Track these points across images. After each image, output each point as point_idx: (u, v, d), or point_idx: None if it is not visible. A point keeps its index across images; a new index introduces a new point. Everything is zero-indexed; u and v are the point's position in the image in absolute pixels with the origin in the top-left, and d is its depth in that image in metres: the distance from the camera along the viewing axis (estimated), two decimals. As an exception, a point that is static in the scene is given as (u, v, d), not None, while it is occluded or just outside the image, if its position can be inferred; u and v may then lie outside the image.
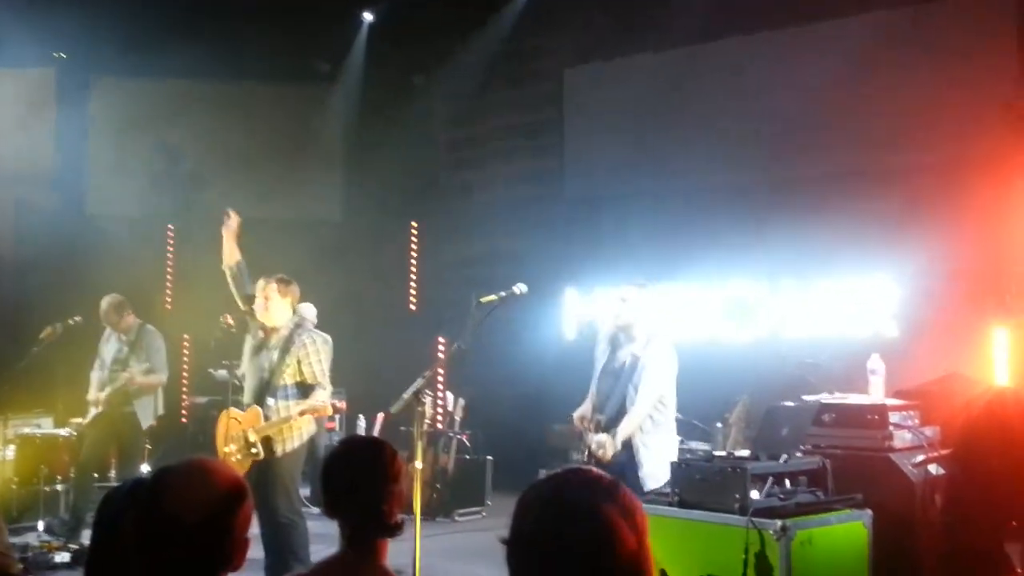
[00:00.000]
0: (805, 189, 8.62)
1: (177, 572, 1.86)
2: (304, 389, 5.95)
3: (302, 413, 5.82)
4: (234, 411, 6.06)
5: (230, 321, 6.55)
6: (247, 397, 6.04)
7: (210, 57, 11.15)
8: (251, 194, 11.63)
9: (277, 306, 6.02)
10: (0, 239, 10.64)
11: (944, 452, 5.02)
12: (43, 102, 11.15)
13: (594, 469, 1.60)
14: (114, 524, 2.14)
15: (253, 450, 5.86)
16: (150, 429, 7.84)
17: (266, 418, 5.87)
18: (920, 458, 4.96)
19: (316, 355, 5.98)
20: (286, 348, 5.93)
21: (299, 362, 5.92)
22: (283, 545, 5.84)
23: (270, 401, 5.89)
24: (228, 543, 1.90)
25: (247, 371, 6.09)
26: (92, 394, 7.77)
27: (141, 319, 7.98)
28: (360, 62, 11.72)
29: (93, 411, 7.74)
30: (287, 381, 5.92)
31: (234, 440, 5.95)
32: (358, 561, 2.62)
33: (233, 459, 5.88)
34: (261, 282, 6.08)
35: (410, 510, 5.30)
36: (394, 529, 2.66)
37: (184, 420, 10.92)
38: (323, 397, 5.93)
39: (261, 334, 6.07)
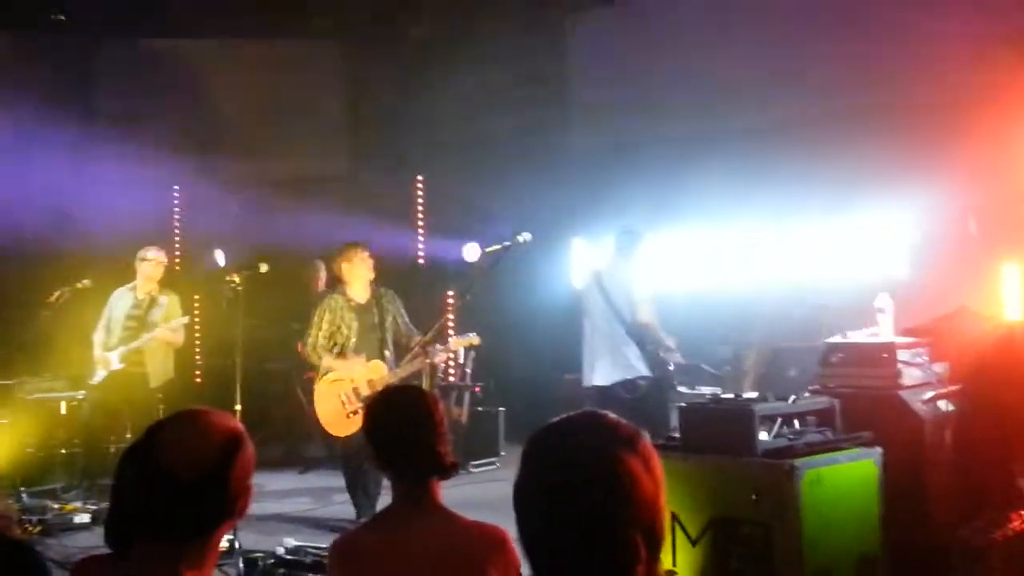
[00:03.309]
0: (812, 128, 8.51)
1: (178, 525, 1.86)
2: (405, 337, 6.68)
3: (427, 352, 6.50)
4: (336, 374, 6.53)
5: (237, 280, 6.57)
6: (358, 355, 6.56)
7: (212, 16, 11.06)
8: (257, 151, 11.62)
9: (367, 272, 6.74)
10: (4, 205, 10.61)
11: (954, 388, 5.02)
12: (47, 65, 11.06)
13: (611, 415, 1.57)
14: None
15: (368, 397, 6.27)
16: (159, 389, 7.90)
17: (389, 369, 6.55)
18: (930, 395, 4.95)
19: (401, 307, 6.79)
20: (382, 305, 6.68)
21: (395, 316, 6.71)
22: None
23: (387, 353, 6.57)
24: (227, 494, 1.89)
25: (355, 332, 6.57)
26: (99, 354, 7.78)
27: None
28: (362, 14, 11.58)
29: (101, 372, 7.76)
30: (389, 335, 6.65)
31: (349, 399, 6.46)
32: (418, 504, 2.64)
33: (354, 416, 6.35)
34: (344, 247, 6.77)
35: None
36: (451, 469, 2.69)
37: (199, 380, 10.99)
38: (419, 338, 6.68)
39: (359, 300, 6.67)
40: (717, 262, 9.06)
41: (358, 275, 6.65)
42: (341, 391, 6.49)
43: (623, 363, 6.64)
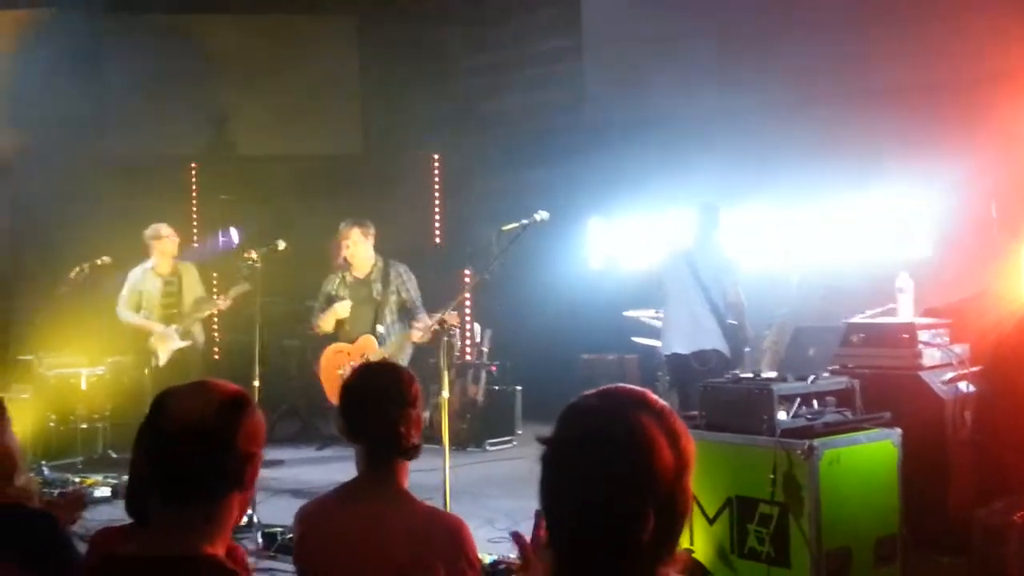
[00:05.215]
0: (832, 107, 8.45)
1: (183, 488, 1.86)
2: (405, 313, 6.84)
3: (420, 330, 6.65)
4: (338, 345, 6.85)
5: (254, 256, 6.61)
6: (352, 330, 6.85)
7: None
8: (272, 129, 11.63)
9: (364, 248, 6.85)
10: (25, 183, 10.67)
11: (974, 369, 4.99)
12: (57, 43, 11.07)
13: (649, 392, 1.57)
14: None
15: None
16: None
17: (380, 344, 6.77)
18: (950, 376, 4.93)
19: (410, 282, 6.92)
20: (386, 280, 6.82)
21: (398, 290, 6.85)
22: None
23: (380, 328, 6.76)
24: (231, 455, 1.88)
25: (351, 307, 6.84)
26: (162, 330, 7.80)
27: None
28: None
29: (166, 351, 7.80)
30: (392, 308, 6.82)
31: (345, 372, 6.46)
32: (377, 483, 2.66)
33: None
34: (342, 228, 6.84)
35: (440, 440, 5.39)
36: (411, 451, 2.68)
37: (217, 357, 11.05)
38: (427, 319, 6.68)
39: (351, 274, 6.88)
40: (735, 241, 9.01)
41: (352, 252, 6.85)
42: (342, 363, 6.75)
43: (700, 335, 6.88)
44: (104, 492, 6.95)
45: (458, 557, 2.52)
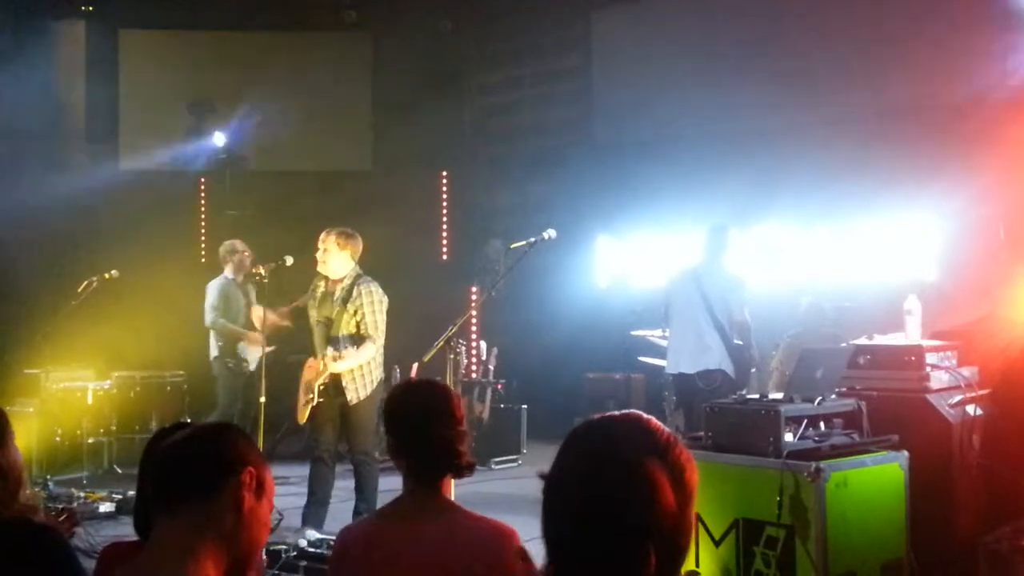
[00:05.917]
0: (842, 130, 8.46)
1: (168, 492, 1.91)
2: (358, 340, 6.19)
3: (347, 364, 6.15)
4: (310, 360, 6.37)
5: (262, 271, 6.63)
6: (317, 349, 6.31)
7: (238, 8, 11.12)
8: (281, 145, 11.68)
9: (335, 258, 6.21)
10: (34, 195, 10.72)
11: (982, 392, 4.97)
12: (72, 56, 11.16)
13: (654, 420, 1.56)
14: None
15: (309, 395, 6.21)
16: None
17: (324, 367, 6.20)
18: (958, 399, 4.90)
19: (371, 306, 6.17)
20: (346, 298, 6.15)
21: (356, 312, 6.15)
22: (357, 481, 6.42)
23: (329, 350, 6.17)
24: (213, 462, 1.92)
25: (315, 321, 6.33)
26: (254, 335, 7.86)
27: (175, 272, 8.11)
28: (388, 9, 11.62)
29: (255, 355, 7.92)
30: (344, 332, 6.18)
31: (307, 387, 6.29)
32: (427, 500, 2.63)
33: (305, 403, 6.30)
34: (322, 234, 6.28)
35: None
36: (467, 469, 2.67)
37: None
38: (369, 351, 6.18)
39: (325, 286, 6.31)
40: (742, 263, 9.01)
41: (324, 259, 6.26)
42: (305, 379, 6.37)
43: (706, 355, 6.87)
44: (108, 508, 6.94)
45: (515, 564, 2.48)
